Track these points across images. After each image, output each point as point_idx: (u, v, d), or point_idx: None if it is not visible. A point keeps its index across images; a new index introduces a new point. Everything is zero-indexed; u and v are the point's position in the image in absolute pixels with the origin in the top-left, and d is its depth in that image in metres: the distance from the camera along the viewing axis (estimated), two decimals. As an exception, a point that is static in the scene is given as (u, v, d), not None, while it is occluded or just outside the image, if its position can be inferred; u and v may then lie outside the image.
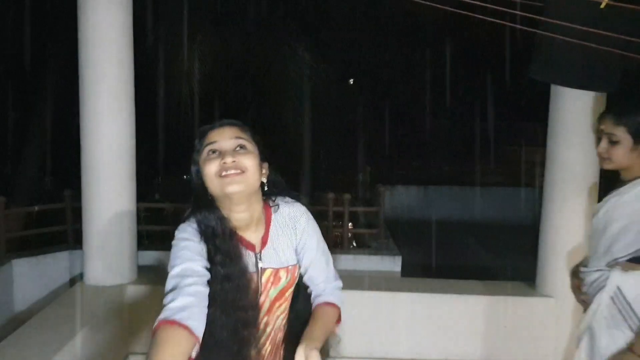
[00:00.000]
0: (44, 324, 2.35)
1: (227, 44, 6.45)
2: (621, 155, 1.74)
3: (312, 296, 1.47)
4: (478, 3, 2.03)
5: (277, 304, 1.41)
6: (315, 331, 1.36)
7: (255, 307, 1.32)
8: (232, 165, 1.24)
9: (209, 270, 1.24)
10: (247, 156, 1.27)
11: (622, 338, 1.76)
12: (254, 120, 6.74)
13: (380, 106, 8.29)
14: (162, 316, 1.10)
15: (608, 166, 1.79)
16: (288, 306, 1.44)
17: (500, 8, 2.08)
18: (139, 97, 2.92)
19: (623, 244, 1.75)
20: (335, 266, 1.54)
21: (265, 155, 1.36)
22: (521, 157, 10.59)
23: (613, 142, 1.74)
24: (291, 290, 1.43)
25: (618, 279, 1.77)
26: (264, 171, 1.34)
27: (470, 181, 10.08)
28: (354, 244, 6.16)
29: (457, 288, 3.02)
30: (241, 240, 1.33)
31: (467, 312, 2.92)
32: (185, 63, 6.24)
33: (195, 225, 1.29)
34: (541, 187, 2.98)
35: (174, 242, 1.28)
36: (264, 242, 1.36)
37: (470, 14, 2.13)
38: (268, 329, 1.41)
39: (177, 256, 1.23)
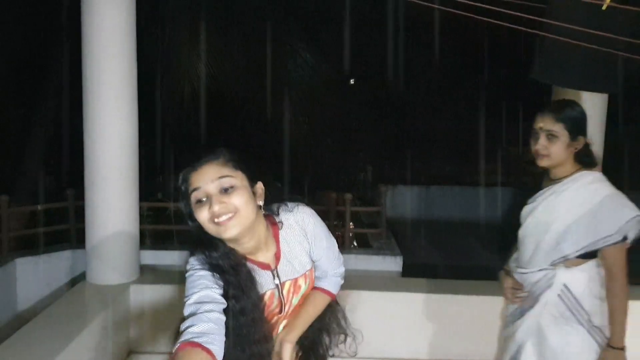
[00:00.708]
0: (47, 323, 2.36)
1: (228, 43, 6.46)
2: (559, 151, 1.80)
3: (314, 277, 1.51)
4: (480, 5, 2.04)
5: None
6: (298, 321, 1.42)
7: (270, 339, 1.33)
8: (222, 211, 1.19)
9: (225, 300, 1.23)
10: (235, 195, 1.20)
11: (572, 334, 1.81)
12: (255, 120, 6.76)
13: (381, 106, 8.29)
14: (182, 339, 1.08)
15: (545, 163, 1.84)
16: None
17: (502, 10, 2.09)
18: (141, 96, 2.94)
19: (572, 240, 1.80)
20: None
21: (255, 175, 1.29)
22: (523, 157, 10.58)
23: (552, 139, 1.80)
24: None
25: (564, 276, 1.82)
26: (259, 192, 1.29)
27: (472, 181, 10.07)
28: (355, 244, 6.17)
29: (458, 288, 3.03)
30: (254, 262, 1.32)
31: (468, 312, 2.92)
32: (187, 62, 6.25)
33: (201, 257, 1.27)
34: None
35: (187, 274, 1.25)
36: (277, 258, 1.35)
37: (472, 15, 2.14)
38: None
39: (194, 285, 1.21)
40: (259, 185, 1.30)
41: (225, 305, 1.20)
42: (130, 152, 2.87)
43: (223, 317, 1.17)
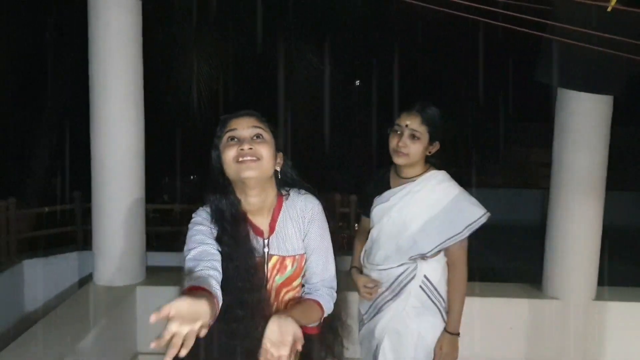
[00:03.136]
0: (55, 324, 2.38)
1: (234, 46, 6.49)
2: (418, 152, 1.88)
3: (304, 291, 1.45)
4: (484, 6, 2.04)
5: (283, 290, 1.43)
6: (291, 311, 1.31)
7: (254, 291, 1.34)
8: (248, 152, 1.32)
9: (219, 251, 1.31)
10: (263, 145, 1.34)
11: (431, 321, 1.92)
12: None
13: (386, 107, 8.28)
14: (188, 285, 1.13)
15: (402, 161, 1.90)
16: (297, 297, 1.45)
17: (507, 12, 2.09)
18: (147, 99, 2.96)
19: (428, 239, 1.89)
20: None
21: (281, 147, 1.43)
22: (527, 158, 10.55)
23: (414, 139, 1.87)
24: (299, 280, 1.45)
25: (424, 268, 1.92)
26: (278, 160, 1.41)
27: (475, 182, 10.03)
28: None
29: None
30: (251, 224, 1.39)
31: (473, 313, 2.90)
32: (193, 66, 6.28)
33: (209, 208, 1.38)
34: (547, 189, 2.98)
35: (189, 225, 1.37)
36: (271, 229, 1.41)
37: (476, 17, 2.14)
38: None
39: (193, 240, 1.31)
40: (280, 155, 1.43)
41: (220, 259, 1.29)
42: (137, 154, 2.89)
43: (220, 273, 1.25)
